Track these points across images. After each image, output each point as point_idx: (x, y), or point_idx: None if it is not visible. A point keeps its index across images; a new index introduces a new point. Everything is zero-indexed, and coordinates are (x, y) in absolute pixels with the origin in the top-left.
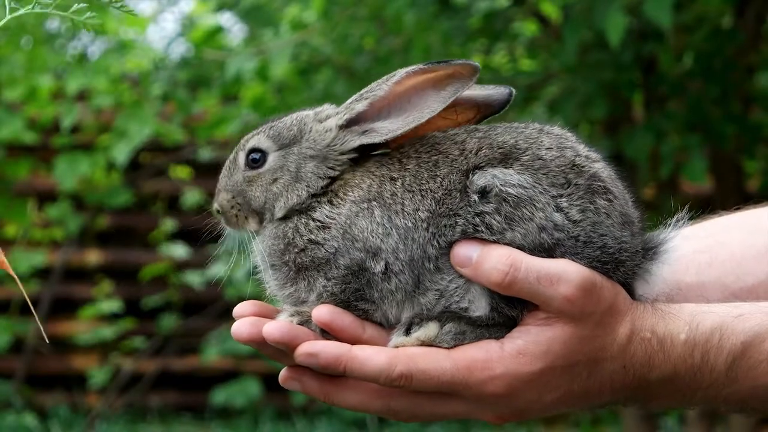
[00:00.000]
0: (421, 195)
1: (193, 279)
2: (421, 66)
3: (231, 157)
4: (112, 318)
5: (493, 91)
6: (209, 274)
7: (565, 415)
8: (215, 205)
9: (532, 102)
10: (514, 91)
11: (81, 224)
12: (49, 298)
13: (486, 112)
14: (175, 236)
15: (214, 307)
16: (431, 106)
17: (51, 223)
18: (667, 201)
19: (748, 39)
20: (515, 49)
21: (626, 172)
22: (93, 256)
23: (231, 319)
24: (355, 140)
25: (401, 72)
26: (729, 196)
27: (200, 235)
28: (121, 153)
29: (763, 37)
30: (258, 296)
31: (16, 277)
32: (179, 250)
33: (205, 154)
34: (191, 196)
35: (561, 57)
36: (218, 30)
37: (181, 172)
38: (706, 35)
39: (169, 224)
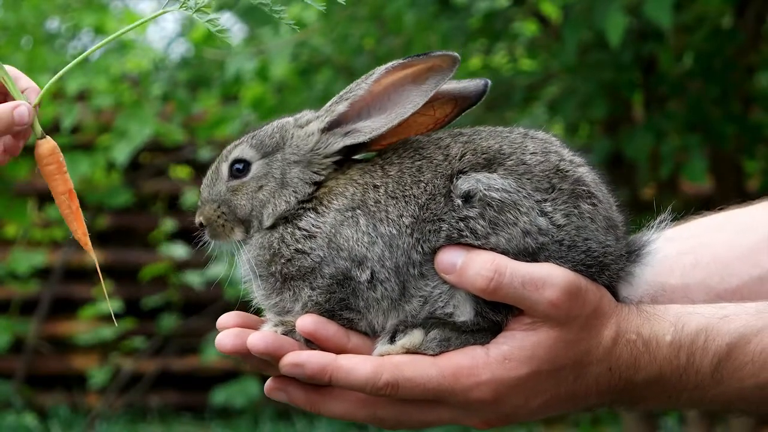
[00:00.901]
0: (405, 201)
1: (193, 279)
2: (400, 61)
3: (212, 168)
4: (112, 318)
5: (469, 84)
6: (209, 274)
7: (564, 416)
8: (200, 219)
9: (532, 102)
10: (489, 82)
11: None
12: (49, 298)
13: (463, 105)
14: (175, 236)
15: (214, 307)
16: (413, 100)
17: (51, 223)
18: (668, 201)
19: (748, 39)
20: (515, 49)
21: (626, 172)
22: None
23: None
24: (338, 142)
25: (380, 69)
26: (729, 196)
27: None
28: (121, 153)
29: (763, 37)
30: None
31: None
32: (179, 250)
33: (205, 154)
34: (191, 196)
35: (561, 57)
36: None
37: (181, 172)
38: (706, 35)
39: (169, 224)
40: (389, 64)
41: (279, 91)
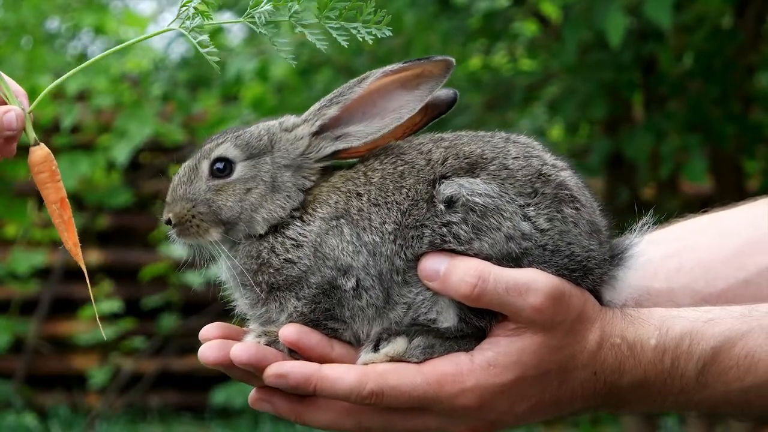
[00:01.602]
0: (387, 208)
1: (193, 279)
2: (397, 66)
3: (189, 165)
4: (112, 318)
5: (439, 93)
6: (209, 274)
7: (563, 416)
8: (168, 216)
9: (532, 102)
10: (458, 92)
11: (81, 224)
12: (49, 298)
13: (433, 113)
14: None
15: (214, 307)
16: (408, 105)
17: (51, 223)
18: (668, 201)
19: (748, 39)
20: (515, 49)
21: (626, 172)
22: (93, 256)
23: (231, 319)
24: (329, 146)
25: (375, 73)
26: (729, 196)
27: None
28: (121, 153)
29: (763, 37)
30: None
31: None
32: (179, 250)
33: None
34: None
35: (561, 57)
36: (218, 30)
37: None
38: (706, 35)
39: None
40: (386, 69)
41: (279, 91)
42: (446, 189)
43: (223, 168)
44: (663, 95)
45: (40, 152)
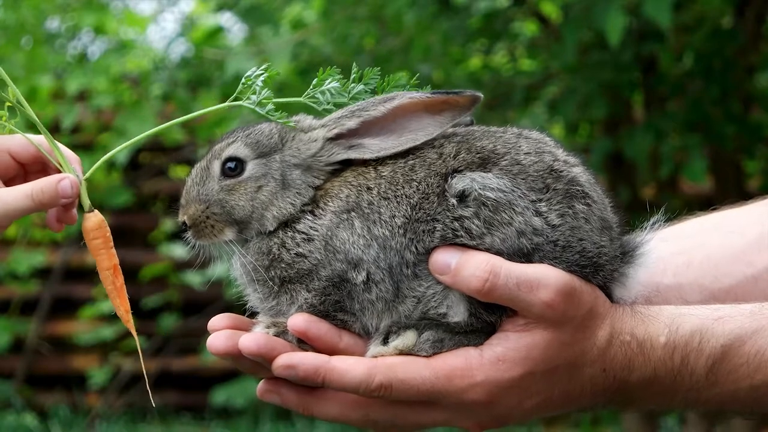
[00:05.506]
0: (397, 201)
1: (193, 279)
2: (428, 94)
3: (201, 165)
4: (112, 318)
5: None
6: (209, 274)
7: (564, 415)
8: (183, 218)
9: (532, 102)
10: (473, 120)
11: (81, 224)
12: (49, 298)
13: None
14: (175, 236)
15: (214, 307)
16: (427, 129)
17: None
18: (668, 201)
19: (748, 39)
20: (515, 49)
21: (626, 172)
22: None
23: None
24: (341, 154)
25: (402, 98)
26: (729, 196)
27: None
28: (121, 152)
29: (763, 37)
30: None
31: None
32: (179, 250)
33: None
34: None
35: (561, 57)
36: (218, 30)
37: (181, 172)
38: (706, 35)
39: (169, 224)
40: (413, 95)
41: (279, 91)
42: (458, 183)
43: (234, 167)
44: (663, 95)
45: (94, 219)
